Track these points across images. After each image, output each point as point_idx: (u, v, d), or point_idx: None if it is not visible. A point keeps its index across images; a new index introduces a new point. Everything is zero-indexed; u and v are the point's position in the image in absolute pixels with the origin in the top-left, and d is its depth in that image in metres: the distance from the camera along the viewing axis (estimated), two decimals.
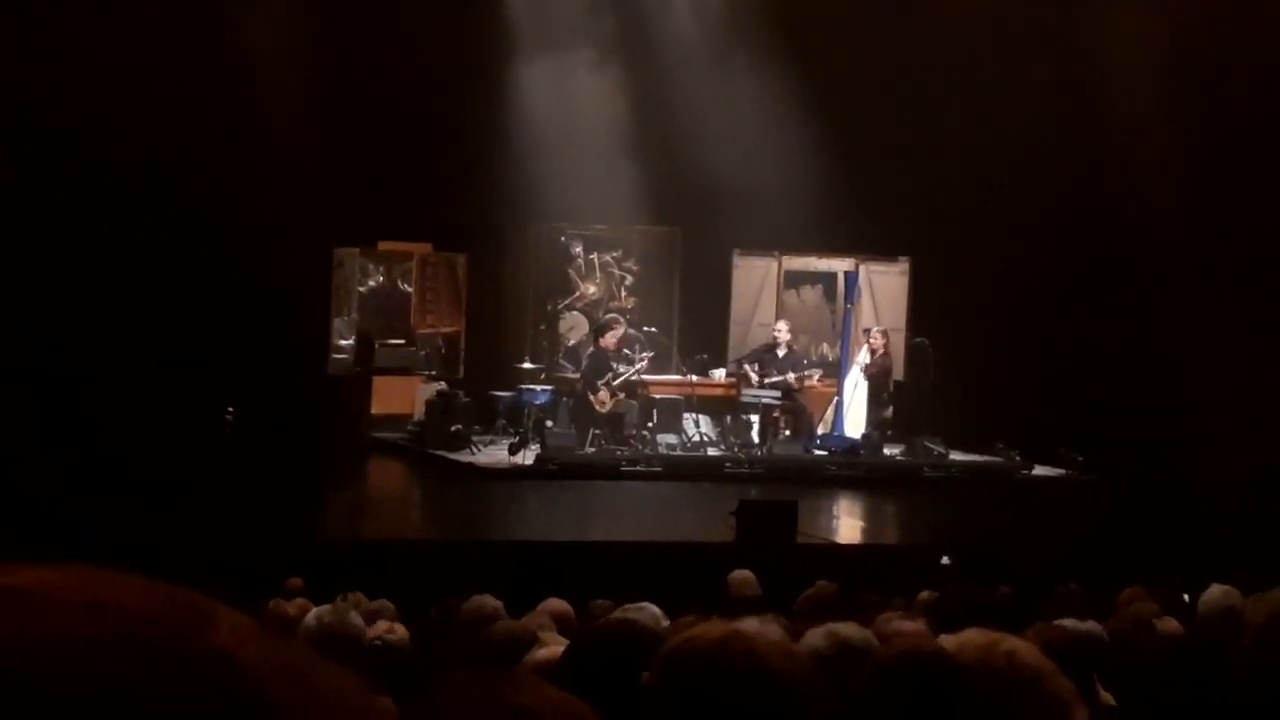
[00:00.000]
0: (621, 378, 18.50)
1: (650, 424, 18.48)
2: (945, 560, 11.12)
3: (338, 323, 20.85)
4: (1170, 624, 7.34)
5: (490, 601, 7.27)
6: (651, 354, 19.40)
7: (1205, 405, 18.57)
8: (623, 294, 21.45)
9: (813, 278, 21.34)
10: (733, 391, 19.42)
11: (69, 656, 0.88)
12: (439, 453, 18.32)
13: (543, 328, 21.09)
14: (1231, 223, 19.27)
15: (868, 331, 19.93)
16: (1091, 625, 6.53)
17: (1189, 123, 19.31)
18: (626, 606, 6.83)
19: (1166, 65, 19.37)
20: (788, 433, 19.21)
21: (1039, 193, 19.95)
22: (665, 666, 2.43)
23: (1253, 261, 19.26)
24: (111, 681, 0.87)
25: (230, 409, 17.90)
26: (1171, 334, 19.28)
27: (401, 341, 20.69)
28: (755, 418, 18.98)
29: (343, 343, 20.67)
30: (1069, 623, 6.47)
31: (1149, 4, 19.68)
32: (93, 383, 17.52)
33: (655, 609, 6.38)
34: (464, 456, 18.15)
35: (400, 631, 5.92)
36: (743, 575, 10.19)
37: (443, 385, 19.64)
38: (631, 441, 18.28)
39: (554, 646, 5.04)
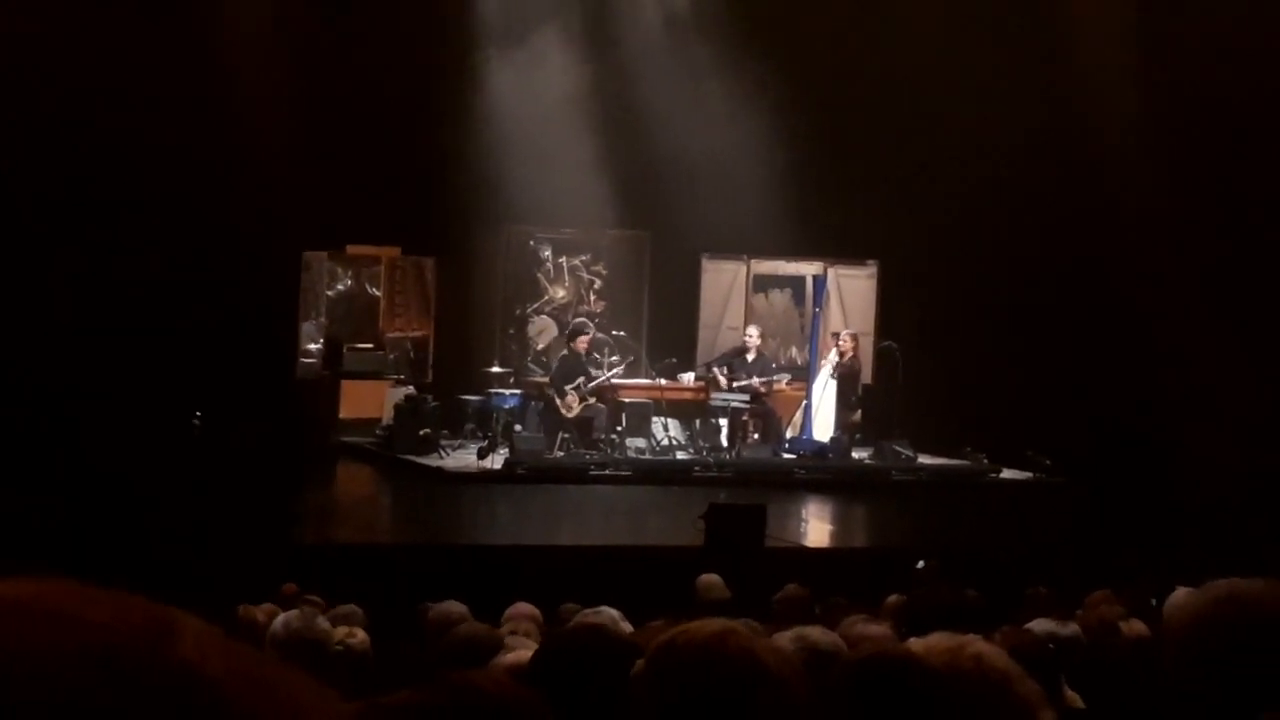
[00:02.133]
0: (595, 383, 18.50)
1: (619, 428, 18.47)
2: (921, 564, 11.13)
3: (306, 326, 20.80)
4: (1137, 627, 7.38)
5: (456, 606, 7.27)
6: (627, 361, 19.45)
7: (1174, 408, 18.65)
8: (592, 298, 21.44)
9: (781, 281, 21.37)
10: (701, 395, 19.43)
11: (31, 669, 0.87)
12: (407, 457, 18.29)
13: (511, 331, 21.07)
14: (1203, 227, 19.33)
15: (836, 335, 19.97)
16: (1073, 628, 6.56)
17: (1163, 124, 19.36)
18: (585, 611, 6.84)
19: (1142, 65, 19.44)
20: (756, 436, 19.23)
21: (1007, 196, 20.01)
22: (659, 658, 2.41)
23: (1224, 265, 19.33)
24: (75, 694, 0.87)
25: (198, 413, 17.85)
26: (1140, 337, 19.36)
27: (370, 345, 20.67)
28: (724, 421, 18.99)
29: (311, 347, 20.62)
30: (1050, 623, 6.50)
31: (1125, 6, 19.73)
32: (58, 387, 17.45)
33: (614, 612, 6.39)
34: (432, 460, 18.12)
35: (361, 636, 5.90)
36: (710, 579, 10.19)
37: (411, 389, 19.60)
38: (600, 445, 18.28)
39: (522, 651, 5.04)
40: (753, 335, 19.66)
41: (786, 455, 19.06)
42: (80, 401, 17.28)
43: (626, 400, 18.87)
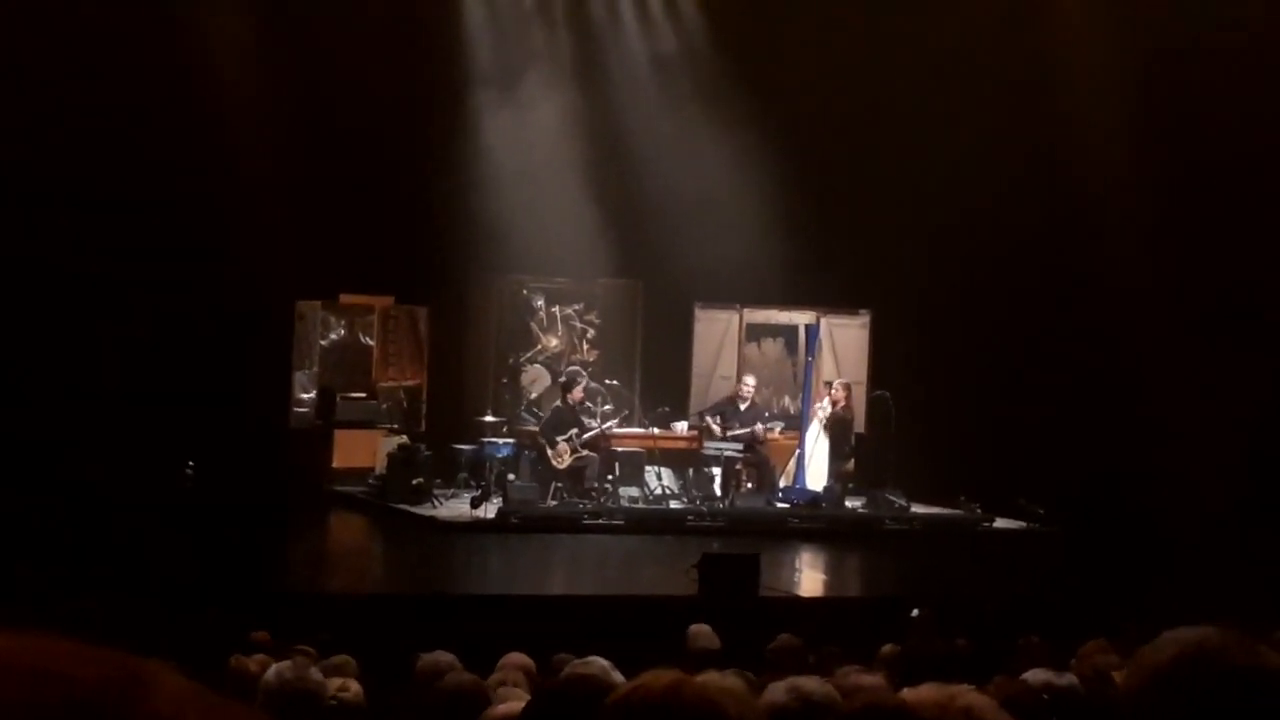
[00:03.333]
0: (589, 434, 18.48)
1: (612, 477, 18.46)
2: (915, 612, 11.10)
3: (299, 376, 20.80)
4: None
5: (444, 656, 7.24)
6: (624, 414, 19.48)
7: (1167, 456, 18.63)
8: (584, 347, 21.46)
9: (774, 330, 21.40)
10: (695, 444, 19.43)
11: None
12: (400, 506, 18.26)
13: (504, 381, 21.07)
14: (1196, 275, 19.37)
15: (829, 384, 19.98)
16: (1069, 678, 6.54)
17: (1152, 172, 19.41)
18: (574, 661, 6.81)
19: (1130, 114, 19.50)
20: (750, 485, 19.21)
21: (999, 245, 20.04)
22: (613, 714, 2.39)
23: (1217, 314, 19.35)
24: None
25: (191, 463, 17.83)
26: (1133, 386, 19.36)
27: (363, 395, 20.65)
28: (717, 470, 18.97)
29: (304, 396, 20.61)
30: (1047, 673, 6.48)
31: (1112, 48, 19.80)
32: (52, 437, 17.43)
33: (604, 662, 6.36)
34: (425, 510, 18.09)
35: (355, 688, 5.89)
36: (700, 629, 10.16)
37: (404, 438, 19.60)
38: (593, 494, 18.26)
39: (514, 701, 5.03)
40: (748, 384, 19.68)
41: (780, 504, 19.03)
42: (73, 452, 17.26)
43: (619, 449, 18.86)
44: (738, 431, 19.14)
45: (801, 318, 21.11)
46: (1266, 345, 18.94)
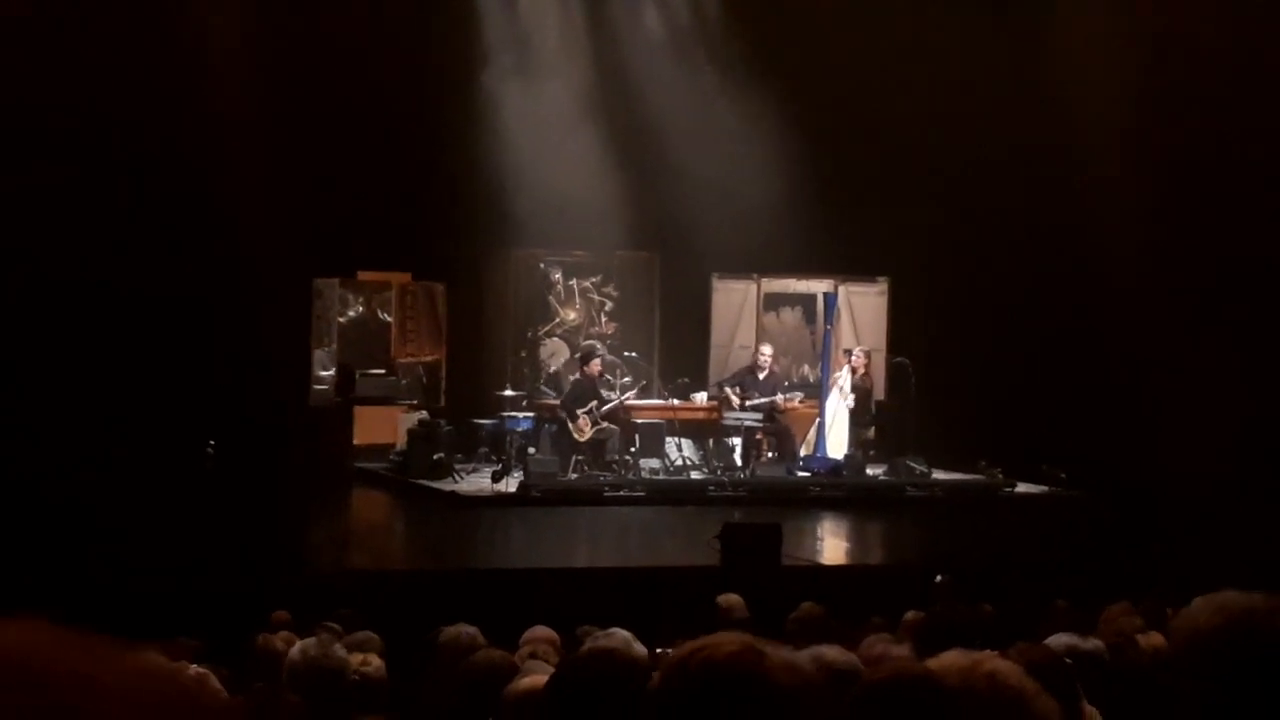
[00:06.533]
0: (608, 405, 18.47)
1: (633, 448, 18.47)
2: (938, 579, 11.11)
3: (318, 354, 20.83)
4: (1154, 639, 7.35)
5: (466, 630, 7.25)
6: (642, 384, 19.48)
7: (1186, 420, 18.60)
8: (603, 319, 21.45)
9: (792, 299, 21.38)
10: (715, 415, 19.42)
11: None
12: (422, 482, 18.30)
13: (523, 355, 21.08)
14: (1203, 241, 19.31)
15: (848, 352, 19.96)
16: (1094, 642, 6.53)
17: (1160, 141, 19.35)
18: (596, 634, 6.82)
19: (1138, 85, 19.44)
20: (770, 455, 19.22)
21: (1016, 211, 20.01)
22: (675, 674, 2.34)
23: (1225, 279, 19.30)
24: None
25: (212, 442, 17.87)
26: (1151, 350, 19.32)
27: (382, 371, 20.68)
28: (738, 440, 18.98)
29: (323, 373, 20.64)
30: (1071, 637, 6.47)
31: (1122, 27, 19.74)
32: (75, 417, 17.47)
33: (626, 634, 6.38)
34: (447, 485, 18.12)
35: (376, 664, 5.91)
36: (731, 599, 10.17)
37: (424, 414, 19.63)
38: (614, 466, 18.28)
39: (539, 675, 5.04)
40: (765, 354, 19.66)
41: (800, 473, 19.03)
42: (95, 432, 17.31)
43: (640, 421, 18.87)
44: (757, 401, 19.13)
45: (819, 286, 21.08)
46: None
